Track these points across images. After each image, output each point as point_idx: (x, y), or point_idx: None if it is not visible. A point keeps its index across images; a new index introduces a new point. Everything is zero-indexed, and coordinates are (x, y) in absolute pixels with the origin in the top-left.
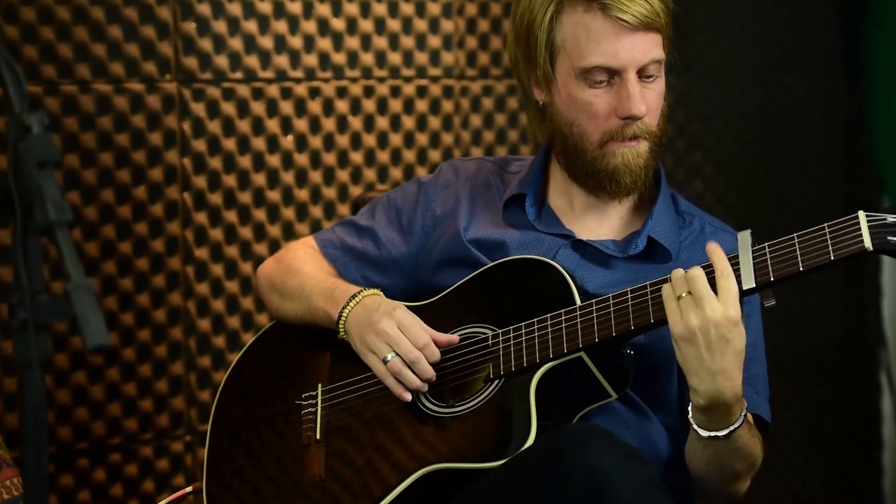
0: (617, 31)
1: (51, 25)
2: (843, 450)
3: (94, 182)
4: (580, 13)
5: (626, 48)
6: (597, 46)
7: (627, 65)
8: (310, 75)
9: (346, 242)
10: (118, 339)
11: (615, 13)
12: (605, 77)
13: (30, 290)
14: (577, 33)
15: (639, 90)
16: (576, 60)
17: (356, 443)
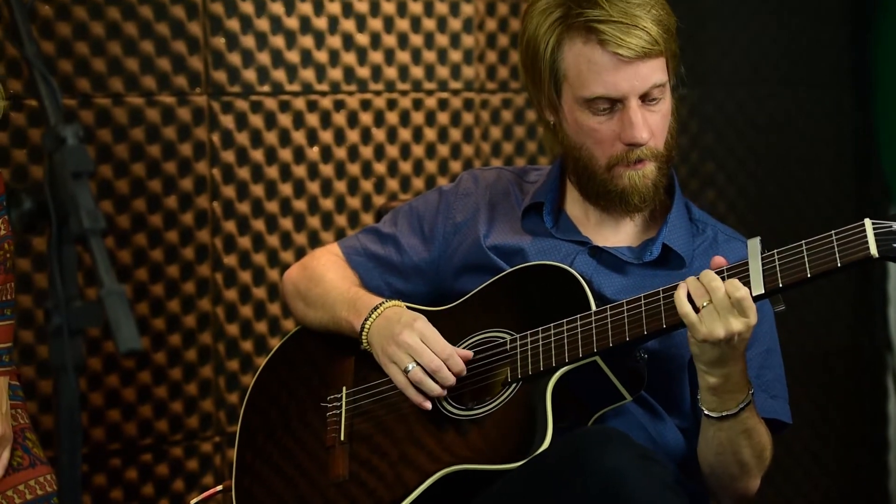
0: (616, 63)
1: (85, 41)
2: (851, 451)
3: (126, 192)
4: (580, 45)
5: (627, 78)
6: (597, 77)
7: (628, 93)
8: (335, 88)
9: (370, 249)
10: (149, 343)
11: (612, 48)
12: (608, 105)
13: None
14: (579, 65)
15: (641, 117)
16: (578, 90)
17: (379, 444)
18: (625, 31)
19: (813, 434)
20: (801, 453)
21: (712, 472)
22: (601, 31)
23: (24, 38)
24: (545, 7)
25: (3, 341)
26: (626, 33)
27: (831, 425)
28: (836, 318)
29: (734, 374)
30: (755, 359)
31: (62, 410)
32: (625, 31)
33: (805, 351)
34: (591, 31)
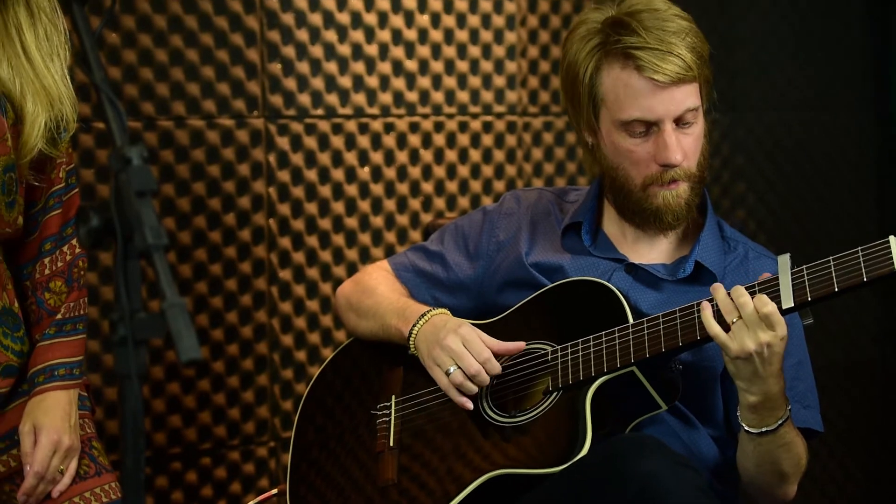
0: (652, 88)
1: (150, 66)
2: (877, 459)
3: (187, 209)
4: (618, 70)
5: (662, 102)
6: (634, 101)
7: (663, 117)
8: (385, 112)
9: (418, 266)
10: (209, 353)
11: (648, 73)
12: (644, 128)
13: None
14: (616, 89)
15: (675, 139)
16: (615, 114)
17: (426, 449)
18: (660, 58)
19: (840, 443)
20: (827, 460)
21: (751, 482)
22: (638, 58)
23: (93, 65)
24: (585, 34)
25: (74, 355)
26: (662, 59)
27: (857, 434)
28: (862, 331)
29: (773, 392)
30: (787, 371)
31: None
32: (660, 58)
33: (832, 362)
34: (628, 57)
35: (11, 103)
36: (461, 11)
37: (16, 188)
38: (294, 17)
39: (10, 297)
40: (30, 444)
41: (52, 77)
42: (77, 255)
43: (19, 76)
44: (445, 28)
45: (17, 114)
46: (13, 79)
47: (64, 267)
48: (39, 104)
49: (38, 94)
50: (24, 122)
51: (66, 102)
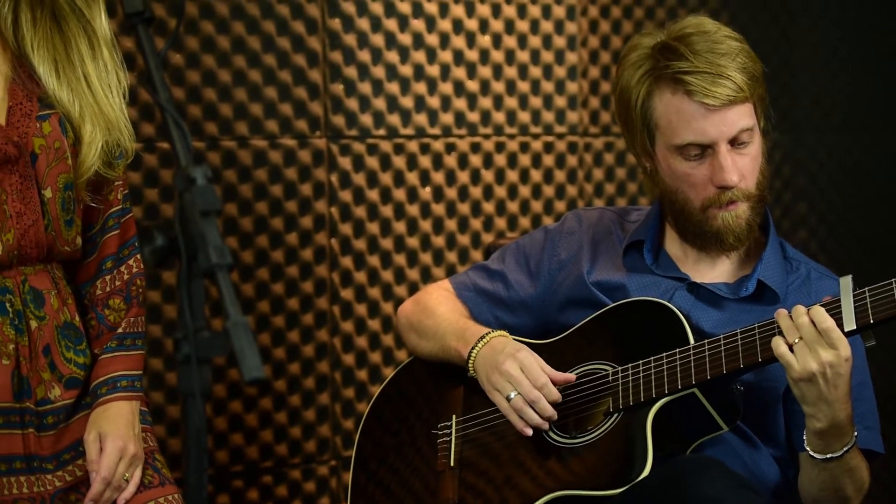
0: (704, 112)
1: (213, 87)
2: None
3: (250, 229)
4: (668, 96)
5: (714, 125)
6: (687, 126)
7: (717, 139)
8: (446, 132)
9: (479, 285)
10: (271, 371)
11: (699, 98)
12: (699, 151)
13: (193, 327)
14: (669, 114)
15: (731, 161)
16: (669, 138)
17: (487, 470)
18: (711, 81)
19: None
20: (888, 480)
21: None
22: (688, 83)
23: (158, 85)
24: (635, 60)
25: (135, 369)
26: (712, 83)
27: None
28: None
29: (840, 418)
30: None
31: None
32: (711, 81)
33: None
34: (678, 82)
35: (71, 124)
36: (522, 32)
37: (73, 207)
38: (356, 37)
39: (72, 312)
40: (96, 452)
41: (110, 105)
42: (135, 273)
43: (79, 99)
44: (507, 49)
45: (76, 135)
46: (73, 101)
47: (122, 285)
48: (98, 127)
49: (96, 118)
50: (83, 142)
51: (123, 131)
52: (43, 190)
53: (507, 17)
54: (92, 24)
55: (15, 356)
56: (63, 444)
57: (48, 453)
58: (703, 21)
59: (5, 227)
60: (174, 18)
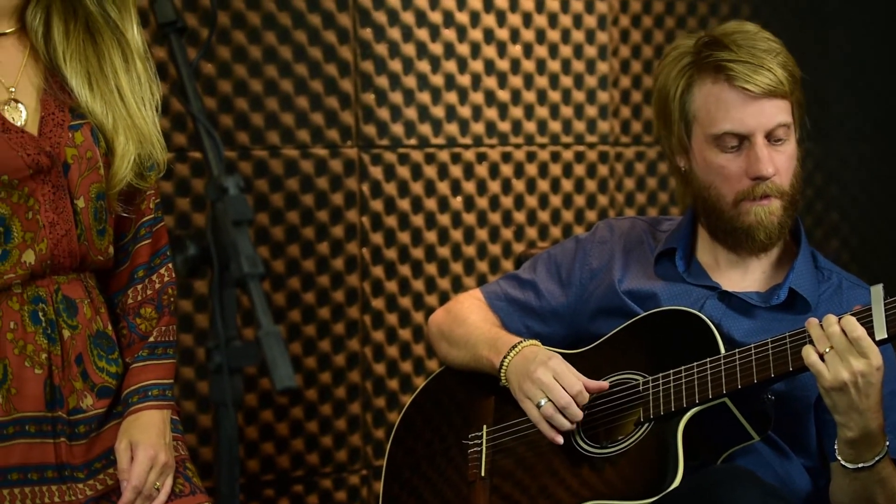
0: (744, 100)
1: (245, 97)
2: None
3: (281, 238)
4: (709, 85)
5: (753, 114)
6: (726, 114)
7: (755, 129)
8: (477, 142)
9: (510, 294)
10: (302, 380)
11: (740, 83)
12: (736, 142)
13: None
14: (708, 103)
15: (767, 153)
16: (707, 128)
17: (517, 479)
18: (752, 70)
19: None
20: None
21: None
22: (730, 69)
23: (190, 95)
24: (676, 56)
25: (166, 378)
26: (754, 71)
27: None
28: None
29: (871, 427)
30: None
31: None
32: (752, 70)
33: None
34: (720, 69)
35: (104, 135)
36: (553, 42)
37: (105, 217)
38: (387, 47)
39: (105, 321)
40: (127, 461)
41: (143, 118)
42: (166, 282)
43: (112, 111)
44: (538, 58)
45: (108, 146)
46: (106, 113)
47: (154, 294)
48: (131, 140)
49: (129, 130)
50: (115, 154)
51: (155, 145)
52: (75, 200)
53: (537, 27)
54: (125, 36)
55: (47, 365)
56: (94, 453)
57: (80, 462)
58: (745, 23)
59: (38, 237)
60: (206, 28)
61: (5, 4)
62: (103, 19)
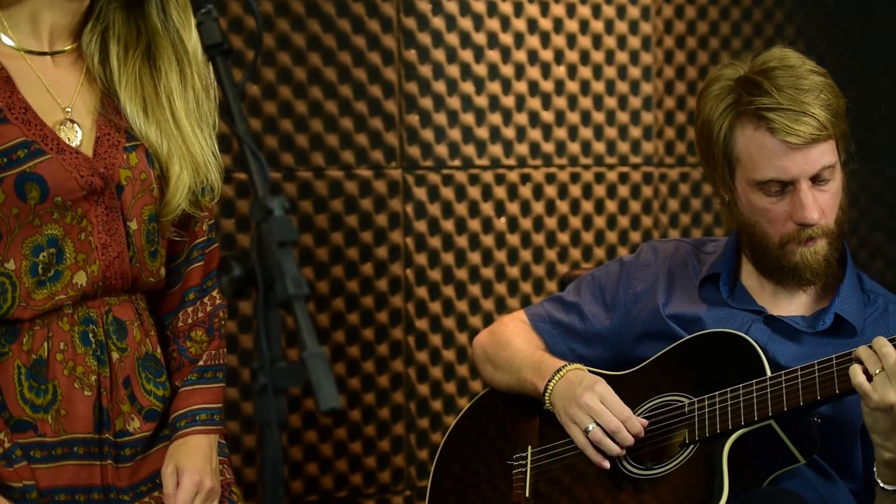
0: (786, 149)
1: (290, 118)
2: None
3: (326, 259)
4: (751, 131)
5: (797, 163)
6: (769, 162)
7: (798, 176)
8: (521, 163)
9: (555, 317)
10: (346, 401)
11: (781, 136)
12: (780, 187)
13: (270, 357)
14: (750, 150)
15: (811, 198)
16: (750, 173)
17: (562, 501)
18: (793, 119)
19: None
20: None
21: None
22: (770, 120)
23: (236, 116)
24: (718, 92)
25: (215, 402)
26: (795, 121)
27: None
28: None
29: None
30: None
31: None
32: (793, 119)
33: None
34: (761, 118)
35: (158, 160)
36: (597, 63)
37: (158, 239)
38: (432, 68)
39: (154, 344)
40: (172, 486)
41: (199, 145)
42: (217, 305)
43: (167, 139)
44: (582, 79)
45: (163, 172)
46: (161, 142)
47: (205, 317)
48: (185, 169)
49: (184, 159)
50: (169, 182)
51: (212, 170)
52: (128, 222)
53: (581, 49)
54: (185, 44)
55: (96, 387)
56: (140, 475)
57: (125, 485)
58: (788, 54)
59: (90, 259)
60: (252, 50)
61: (61, 24)
62: (164, 27)
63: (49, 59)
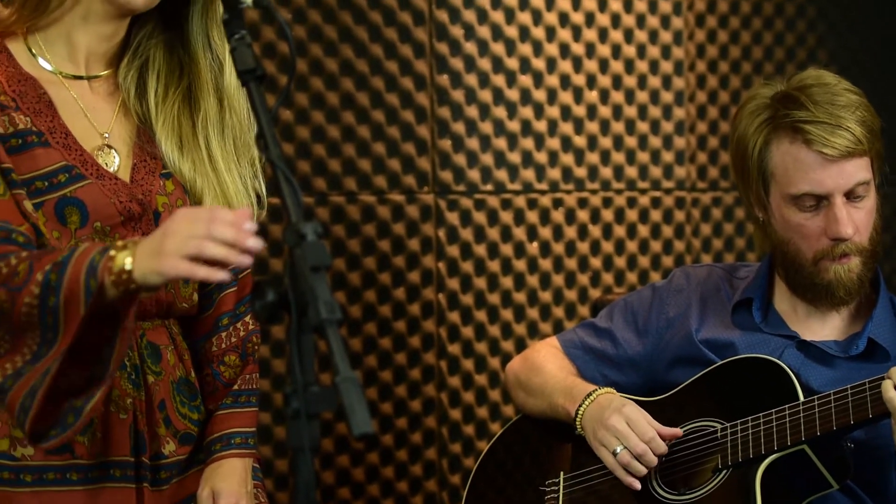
0: (822, 162)
1: (322, 143)
2: None
3: (358, 284)
4: (787, 144)
5: (832, 176)
6: (804, 176)
7: (833, 191)
8: (554, 187)
9: (587, 342)
10: (378, 426)
11: (817, 147)
12: (814, 202)
13: (303, 381)
14: (786, 163)
15: (846, 213)
16: (785, 188)
17: None
18: (830, 132)
19: None
20: None
21: None
22: (807, 131)
23: (269, 141)
24: (754, 108)
25: (248, 426)
26: (832, 133)
27: None
28: None
29: None
30: None
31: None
32: (830, 132)
33: None
34: (797, 131)
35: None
36: (630, 87)
37: None
38: (464, 93)
39: (188, 368)
40: None
41: (234, 185)
42: (251, 330)
43: (200, 176)
44: (614, 104)
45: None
46: (194, 177)
47: (238, 342)
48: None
49: (217, 198)
50: None
51: None
52: None
53: (614, 73)
54: (226, 83)
55: (132, 410)
56: (176, 499)
57: None
58: (823, 74)
59: None
60: (285, 75)
61: (97, 50)
62: (208, 66)
63: (86, 83)
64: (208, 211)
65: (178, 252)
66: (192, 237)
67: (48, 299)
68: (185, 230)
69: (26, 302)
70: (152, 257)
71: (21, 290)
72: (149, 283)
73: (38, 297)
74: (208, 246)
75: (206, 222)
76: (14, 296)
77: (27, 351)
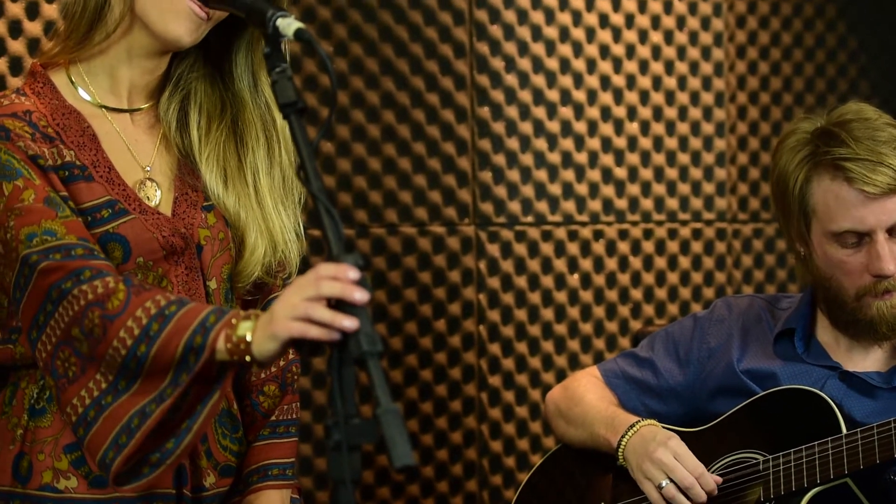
0: (863, 199)
1: (364, 175)
2: None
3: (399, 316)
4: (828, 182)
5: (874, 213)
6: (845, 213)
7: (875, 227)
8: (594, 219)
9: (628, 372)
10: (418, 457)
11: (858, 185)
12: (856, 238)
13: (344, 413)
14: (827, 200)
15: (888, 250)
16: (826, 225)
17: None
18: (871, 169)
19: None
20: None
21: None
22: (848, 169)
23: (311, 174)
24: (794, 144)
25: (287, 456)
26: (873, 171)
27: None
28: None
29: None
30: None
31: None
32: (871, 169)
33: None
34: (838, 168)
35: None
36: (671, 119)
37: (232, 297)
38: (505, 125)
39: (230, 400)
40: None
41: (280, 223)
42: (290, 360)
43: (245, 211)
44: (655, 135)
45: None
46: (238, 210)
47: (277, 372)
48: (262, 242)
49: (262, 234)
50: (245, 249)
51: (291, 250)
52: (208, 281)
53: (654, 104)
54: (275, 121)
55: None
56: None
57: None
58: (864, 108)
59: None
60: (326, 108)
61: (140, 83)
62: (254, 102)
63: (128, 116)
64: (312, 271)
65: (289, 315)
66: (301, 298)
67: (138, 347)
68: (295, 294)
69: (121, 336)
70: (267, 325)
71: (114, 319)
72: (264, 351)
73: (135, 338)
74: (316, 309)
75: (313, 282)
76: (107, 324)
77: (101, 379)
